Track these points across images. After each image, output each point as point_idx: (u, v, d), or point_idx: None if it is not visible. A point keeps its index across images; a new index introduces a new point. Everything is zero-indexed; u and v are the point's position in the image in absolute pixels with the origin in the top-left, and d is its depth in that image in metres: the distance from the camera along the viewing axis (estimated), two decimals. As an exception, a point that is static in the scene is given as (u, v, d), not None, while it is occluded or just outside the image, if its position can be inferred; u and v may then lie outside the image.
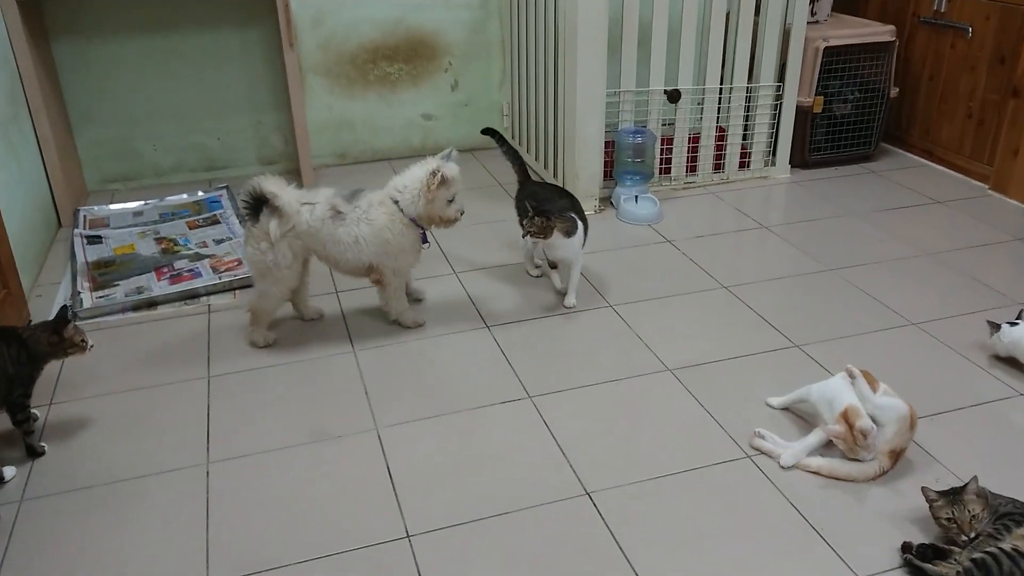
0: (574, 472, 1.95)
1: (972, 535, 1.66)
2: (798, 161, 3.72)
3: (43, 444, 2.05)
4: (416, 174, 2.38)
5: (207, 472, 1.97)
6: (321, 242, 2.36)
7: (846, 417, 1.90)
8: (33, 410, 2.04)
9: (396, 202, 2.38)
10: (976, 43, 3.50)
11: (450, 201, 2.39)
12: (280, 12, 3.23)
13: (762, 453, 1.99)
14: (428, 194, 2.34)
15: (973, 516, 1.68)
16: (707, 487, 1.90)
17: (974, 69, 3.54)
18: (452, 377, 2.32)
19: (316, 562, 1.71)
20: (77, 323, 2.31)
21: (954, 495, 1.72)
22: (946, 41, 3.64)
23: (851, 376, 2.00)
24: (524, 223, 2.52)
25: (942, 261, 2.91)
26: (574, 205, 2.64)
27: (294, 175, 3.69)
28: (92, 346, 2.10)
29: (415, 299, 2.69)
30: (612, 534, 1.77)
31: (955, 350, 2.38)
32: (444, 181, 2.34)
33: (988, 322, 2.35)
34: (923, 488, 1.76)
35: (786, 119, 3.58)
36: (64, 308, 2.07)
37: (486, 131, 3.04)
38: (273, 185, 2.28)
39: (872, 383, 1.99)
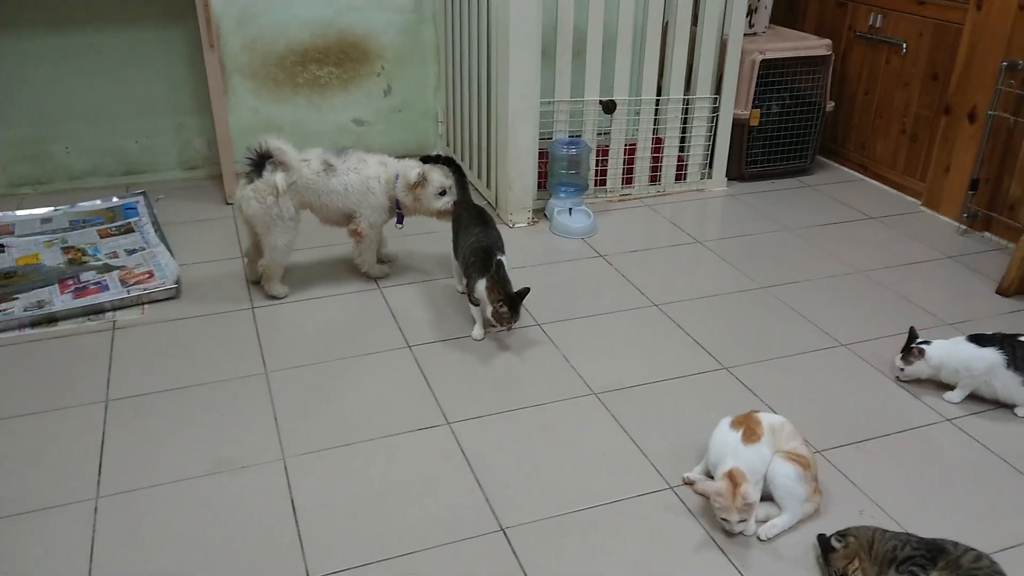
0: (489, 506, 1.85)
1: None
2: (735, 174, 3.69)
3: None
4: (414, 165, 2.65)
5: (95, 508, 1.83)
6: (317, 193, 2.62)
7: (732, 477, 1.73)
8: None
9: (397, 176, 2.67)
10: (910, 59, 3.51)
11: (441, 194, 2.66)
12: (199, 11, 3.08)
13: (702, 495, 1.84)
14: (412, 191, 2.65)
15: (841, 573, 1.64)
16: (628, 521, 1.82)
17: (908, 85, 3.54)
18: (368, 401, 2.21)
19: (206, 609, 1.59)
20: None
21: (825, 552, 1.68)
22: (881, 56, 3.64)
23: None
24: (494, 308, 2.36)
25: (874, 279, 2.89)
26: (488, 232, 2.52)
27: (216, 180, 3.54)
28: None
29: (387, 260, 2.91)
30: (525, 575, 1.68)
31: (883, 372, 2.35)
32: (421, 184, 2.63)
33: (905, 352, 2.28)
34: (819, 536, 1.71)
35: (723, 131, 3.55)
36: None
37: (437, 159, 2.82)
38: (278, 141, 2.52)
39: (752, 430, 1.83)
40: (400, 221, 2.76)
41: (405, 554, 1.72)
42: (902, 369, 2.27)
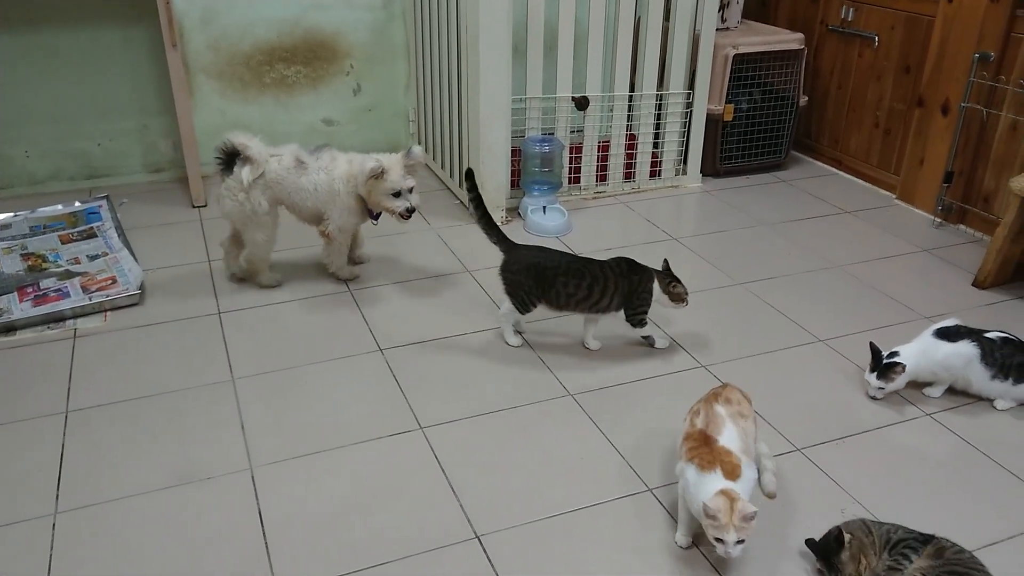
0: (464, 513, 1.80)
1: None
2: (709, 170, 3.66)
3: None
4: (381, 159, 2.51)
5: (53, 524, 1.75)
6: (287, 190, 2.57)
7: (727, 494, 1.56)
8: None
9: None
10: (882, 52, 3.50)
11: (396, 195, 2.51)
12: (161, 9, 2.99)
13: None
14: (366, 183, 2.50)
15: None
16: (606, 525, 1.78)
17: (880, 78, 3.53)
18: (339, 407, 2.15)
19: (169, 628, 1.53)
20: None
21: (826, 558, 1.63)
22: (853, 50, 3.63)
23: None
24: (667, 291, 2.27)
25: (850, 273, 2.87)
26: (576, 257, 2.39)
27: (182, 183, 3.46)
28: None
29: (359, 261, 2.85)
30: (501, 583, 1.63)
31: (861, 367, 2.32)
32: (377, 175, 2.48)
33: (881, 372, 2.16)
34: (808, 541, 1.68)
35: (696, 127, 3.52)
36: None
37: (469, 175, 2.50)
38: (243, 137, 2.50)
39: (732, 464, 1.63)
40: (375, 218, 2.68)
41: (378, 564, 1.66)
42: (881, 388, 2.16)
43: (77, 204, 3.24)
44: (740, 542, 1.53)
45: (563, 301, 2.29)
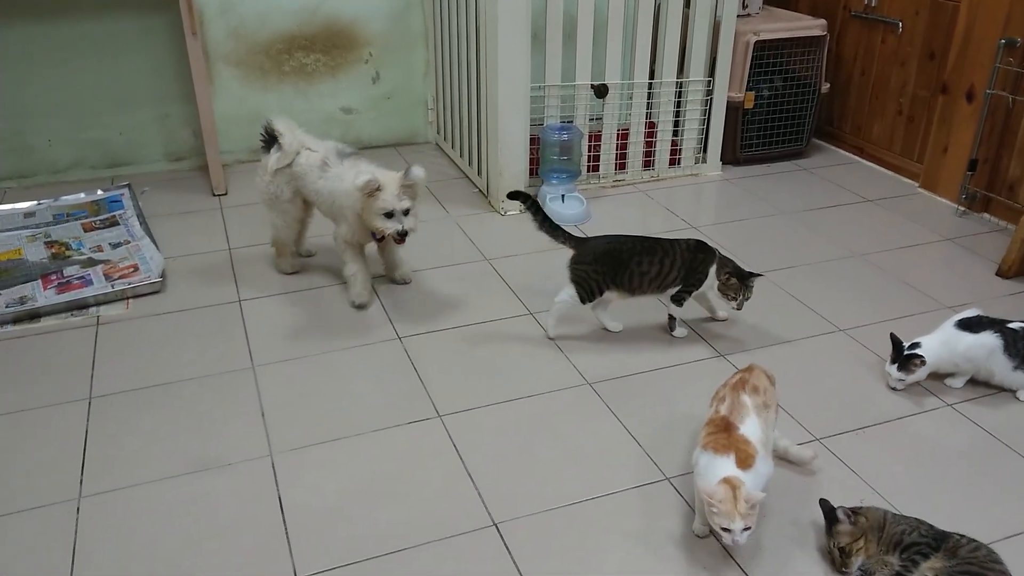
0: (481, 500, 1.81)
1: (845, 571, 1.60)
2: (729, 158, 3.63)
3: None
4: (377, 175, 2.34)
5: (77, 508, 1.78)
6: (307, 186, 2.53)
7: (729, 482, 1.55)
8: None
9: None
10: (906, 38, 3.45)
11: (389, 215, 2.34)
12: (181, -2, 3.01)
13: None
14: (360, 199, 2.35)
15: (842, 550, 1.60)
16: (623, 514, 1.78)
17: (904, 65, 3.49)
18: (357, 394, 2.16)
19: (191, 612, 1.55)
20: None
21: (829, 523, 1.64)
22: (877, 36, 3.58)
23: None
24: (721, 282, 2.30)
25: (872, 262, 2.85)
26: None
27: (203, 172, 3.48)
28: None
29: (400, 281, 2.70)
30: (519, 571, 1.64)
31: (882, 357, 2.30)
32: (371, 192, 2.32)
33: (902, 363, 2.14)
34: (821, 501, 1.68)
35: (717, 115, 3.49)
36: None
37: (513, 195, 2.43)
38: (282, 124, 2.50)
39: (746, 453, 1.62)
40: (377, 239, 2.50)
41: (396, 551, 1.68)
42: (901, 379, 2.15)
43: (99, 192, 3.27)
44: (747, 529, 1.53)
45: (636, 283, 2.30)
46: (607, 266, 2.29)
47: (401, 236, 2.37)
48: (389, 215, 2.34)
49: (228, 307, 2.55)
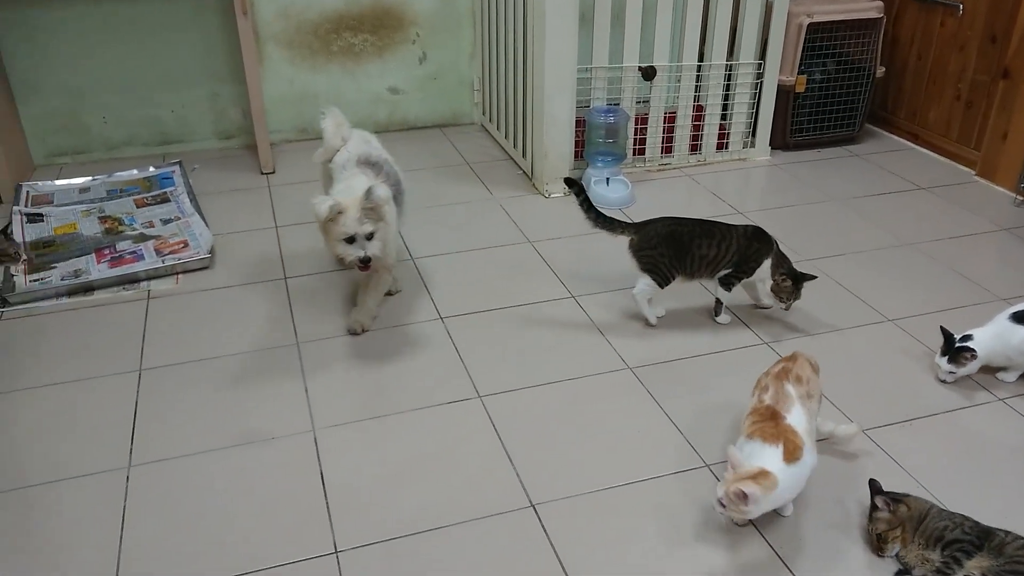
0: (520, 481, 1.82)
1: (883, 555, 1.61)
2: (779, 142, 3.57)
3: None
4: (339, 199, 2.13)
5: (127, 477, 1.83)
6: (329, 182, 2.42)
7: (764, 477, 1.55)
8: None
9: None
10: (967, 21, 3.35)
11: (350, 240, 2.14)
12: (232, -22, 3.04)
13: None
14: (321, 227, 2.16)
15: (879, 535, 1.61)
16: (662, 500, 1.77)
17: (964, 48, 3.38)
18: (399, 373, 2.18)
19: (234, 581, 1.59)
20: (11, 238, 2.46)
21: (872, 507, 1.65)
22: (935, 19, 3.48)
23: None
24: (775, 281, 2.30)
25: (924, 252, 2.78)
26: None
27: (252, 150, 3.52)
28: (25, 259, 2.49)
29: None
30: (556, 553, 1.64)
31: (932, 349, 2.25)
32: (332, 218, 2.11)
33: (952, 356, 2.09)
34: (871, 481, 1.68)
35: (767, 99, 3.43)
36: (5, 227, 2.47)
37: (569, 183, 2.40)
38: (332, 120, 2.43)
39: (793, 444, 1.61)
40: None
41: (434, 528, 1.69)
42: (952, 372, 2.10)
43: (151, 169, 3.34)
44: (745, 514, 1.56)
45: (697, 266, 2.29)
46: (672, 249, 2.27)
47: (364, 263, 2.16)
48: (350, 240, 2.14)
49: (274, 284, 2.58)
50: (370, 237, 2.15)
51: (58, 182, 3.24)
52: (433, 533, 1.69)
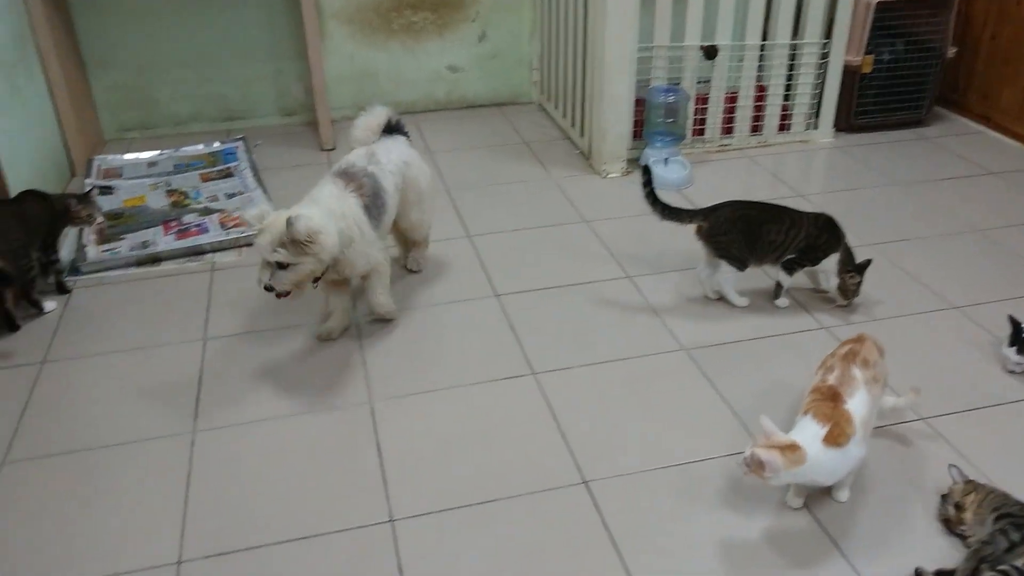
0: (573, 458, 1.83)
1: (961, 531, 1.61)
2: (843, 124, 3.49)
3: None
4: (269, 216, 1.97)
5: (192, 442, 1.90)
6: None
7: (790, 450, 1.54)
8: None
9: None
10: (1046, 0, 3.22)
11: (268, 265, 1.96)
12: (296, -45, 3.08)
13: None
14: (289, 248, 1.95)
15: (957, 505, 1.61)
16: (714, 481, 1.77)
17: (1042, 29, 3.26)
18: (455, 349, 2.21)
19: (293, 544, 1.64)
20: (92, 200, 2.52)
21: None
22: (1013, -3, 3.36)
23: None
24: (842, 279, 2.28)
25: (991, 239, 2.70)
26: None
27: (312, 127, 3.58)
28: (101, 220, 2.53)
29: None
30: (608, 529, 1.66)
31: (998, 338, 2.19)
32: (258, 230, 1.95)
33: (1021, 345, 2.05)
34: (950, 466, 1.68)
35: (832, 79, 3.35)
36: (90, 190, 2.61)
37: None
38: (374, 116, 2.40)
39: (840, 428, 1.59)
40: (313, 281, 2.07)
41: (487, 501, 1.72)
42: (1020, 363, 2.06)
43: (216, 145, 3.42)
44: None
45: (765, 251, 2.28)
46: (743, 234, 2.26)
47: (266, 289, 1.97)
48: (267, 264, 1.96)
49: (333, 259, 2.63)
50: (283, 267, 1.93)
51: (127, 156, 3.33)
52: (487, 505, 1.72)
